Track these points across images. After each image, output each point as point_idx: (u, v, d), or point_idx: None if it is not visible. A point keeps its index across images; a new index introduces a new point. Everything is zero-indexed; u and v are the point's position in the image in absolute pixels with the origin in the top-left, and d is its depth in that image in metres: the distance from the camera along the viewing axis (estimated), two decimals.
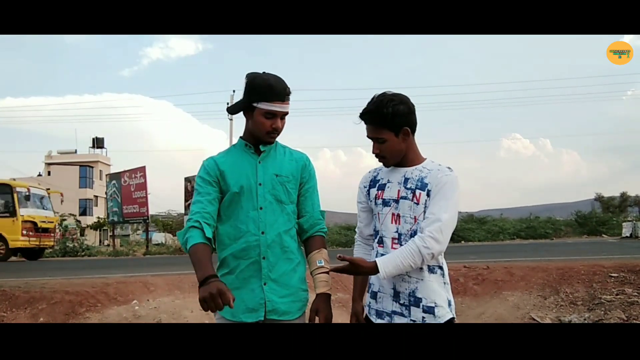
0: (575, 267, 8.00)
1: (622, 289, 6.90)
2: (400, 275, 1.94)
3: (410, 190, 1.98)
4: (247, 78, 2.06)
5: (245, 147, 2.14)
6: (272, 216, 2.07)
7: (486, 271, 8.32)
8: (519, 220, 28.05)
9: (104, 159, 48.80)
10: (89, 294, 7.56)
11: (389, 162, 2.05)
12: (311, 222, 2.17)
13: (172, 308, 7.22)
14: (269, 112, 2.02)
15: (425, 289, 1.94)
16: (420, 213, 1.95)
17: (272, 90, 2.01)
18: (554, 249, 14.59)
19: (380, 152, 2.01)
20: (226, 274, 2.08)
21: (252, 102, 2.04)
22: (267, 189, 2.08)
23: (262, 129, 2.05)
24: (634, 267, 7.67)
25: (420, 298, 1.93)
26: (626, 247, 14.73)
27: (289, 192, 2.13)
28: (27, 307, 7.31)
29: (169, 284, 8.17)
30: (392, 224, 2.00)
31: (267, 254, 2.05)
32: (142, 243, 27.17)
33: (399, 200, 2.00)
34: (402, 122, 1.97)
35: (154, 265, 12.95)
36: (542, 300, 7.05)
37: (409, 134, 2.00)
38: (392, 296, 1.99)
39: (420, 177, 1.99)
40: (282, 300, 2.06)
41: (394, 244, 1.98)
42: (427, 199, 1.94)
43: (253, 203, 2.06)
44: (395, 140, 1.98)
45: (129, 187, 23.56)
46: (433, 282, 1.95)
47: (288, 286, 2.09)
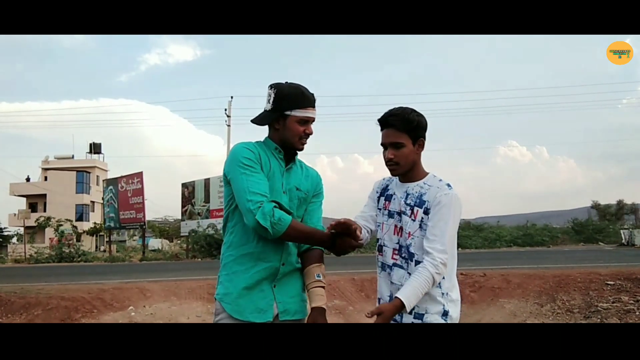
0: (571, 274, 8.02)
1: (618, 297, 6.91)
2: (396, 285, 2.02)
3: (409, 207, 2.04)
4: (274, 88, 2.07)
5: (275, 150, 2.12)
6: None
7: (483, 278, 8.33)
8: (516, 228, 28.15)
9: (101, 164, 48.65)
10: (85, 299, 7.53)
11: (399, 170, 2.06)
12: None
13: (169, 314, 7.20)
14: (303, 119, 2.05)
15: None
16: (416, 229, 2.00)
17: (304, 97, 2.05)
18: (550, 257, 14.61)
19: (395, 157, 2.03)
20: (240, 271, 2.04)
21: (284, 110, 2.04)
22: (288, 198, 2.10)
23: (296, 135, 2.06)
24: (630, 275, 7.70)
25: (413, 306, 1.94)
26: (623, 254, 14.76)
27: (300, 206, 2.15)
28: (22, 312, 7.28)
29: (165, 290, 8.15)
30: (395, 235, 2.07)
31: (286, 260, 2.08)
32: (138, 249, 27.11)
33: (401, 214, 2.06)
34: (420, 133, 2.04)
35: (150, 271, 12.92)
36: (539, 307, 7.06)
37: (423, 147, 2.07)
38: (388, 303, 2.00)
39: (419, 193, 2.04)
40: (293, 300, 2.09)
41: (394, 254, 2.05)
42: (423, 216, 2.00)
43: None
44: (411, 148, 2.03)
45: (125, 192, 23.53)
46: (428, 291, 1.95)
47: (295, 287, 2.12)
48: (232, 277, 2.06)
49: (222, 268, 2.12)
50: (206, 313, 7.26)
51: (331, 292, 7.66)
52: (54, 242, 22.83)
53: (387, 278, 2.08)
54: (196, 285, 8.40)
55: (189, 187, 22.78)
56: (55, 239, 22.77)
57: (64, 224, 27.10)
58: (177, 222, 26.87)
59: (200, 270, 12.48)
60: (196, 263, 17.87)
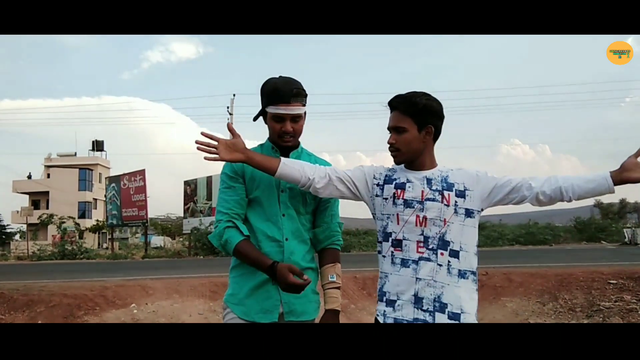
0: (574, 273, 8.00)
1: (620, 296, 6.90)
2: (425, 280, 1.81)
3: (437, 192, 1.86)
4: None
5: (272, 149, 2.11)
6: (294, 224, 2.06)
7: (485, 277, 8.32)
8: (518, 226, 28.12)
9: (103, 161, 48.74)
10: (88, 297, 7.55)
11: (400, 157, 1.91)
12: (327, 233, 2.14)
13: (171, 312, 7.21)
14: (276, 116, 2.01)
15: (452, 295, 1.81)
16: (451, 215, 1.84)
17: (277, 93, 1.98)
18: (552, 255, 14.58)
19: (396, 142, 1.87)
20: (246, 273, 2.05)
21: (264, 106, 2.04)
22: (288, 196, 2.07)
23: (274, 132, 2.05)
24: (633, 274, 7.68)
25: (446, 304, 1.80)
26: (625, 253, 14.73)
27: (307, 202, 2.11)
28: (25, 309, 7.30)
29: (168, 287, 8.16)
30: (417, 226, 1.85)
31: (289, 260, 2.02)
32: (140, 246, 27.16)
33: (424, 201, 1.85)
34: (429, 119, 1.86)
35: (153, 269, 12.95)
36: (541, 306, 7.05)
37: (431, 135, 1.89)
38: (413, 303, 1.83)
39: (442, 177, 1.89)
40: (299, 300, 2.03)
41: (420, 247, 1.84)
42: (457, 200, 1.85)
43: (276, 209, 2.05)
44: (416, 135, 1.86)
45: (128, 190, 23.58)
46: (461, 287, 1.83)
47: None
48: (239, 280, 2.07)
49: (231, 270, 2.13)
50: (208, 311, 7.27)
51: None
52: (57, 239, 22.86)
53: (412, 274, 1.83)
54: (198, 282, 8.40)
55: (191, 185, 22.79)
56: (58, 236, 22.81)
57: (67, 222, 27.14)
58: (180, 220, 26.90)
59: (203, 267, 12.50)
60: (198, 260, 17.90)
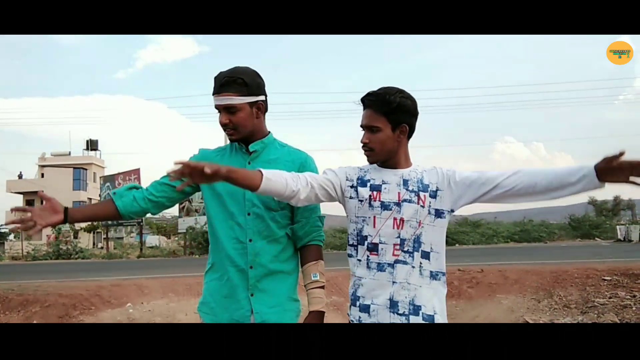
0: (568, 270, 8.06)
1: (615, 292, 6.95)
2: (400, 283, 1.80)
3: (413, 193, 1.82)
4: None
5: (237, 145, 2.00)
6: (261, 223, 1.91)
7: (480, 274, 8.36)
8: (513, 224, 28.18)
9: (97, 161, 48.47)
10: (83, 296, 7.53)
11: (374, 157, 1.85)
12: (307, 228, 1.98)
13: (167, 311, 7.21)
14: (215, 107, 1.91)
15: (425, 296, 1.81)
16: (426, 215, 1.81)
17: (214, 84, 1.89)
18: (547, 253, 14.67)
19: (370, 142, 1.82)
20: (216, 279, 1.96)
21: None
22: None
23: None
24: (627, 270, 7.74)
25: (420, 306, 1.80)
26: (619, 250, 14.83)
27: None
28: (20, 309, 7.27)
29: (163, 286, 8.16)
30: (394, 228, 1.80)
31: (254, 263, 1.89)
32: (136, 246, 27.03)
33: (401, 203, 1.81)
34: (403, 118, 1.81)
35: (148, 268, 12.93)
36: (536, 303, 7.09)
37: (406, 133, 1.84)
38: (388, 307, 1.81)
39: (418, 178, 1.85)
40: (272, 310, 1.90)
41: (396, 250, 1.80)
42: (431, 201, 1.82)
43: (240, 208, 1.91)
44: (390, 134, 1.81)
45: None
46: (433, 289, 1.83)
47: (277, 295, 1.93)
48: (210, 286, 1.98)
49: (204, 275, 2.04)
50: None
51: (329, 289, 7.66)
52: (51, 239, 22.74)
53: (388, 278, 1.81)
54: (194, 281, 8.40)
55: None
56: (53, 235, 22.68)
57: None
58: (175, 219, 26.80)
59: (198, 267, 12.45)
60: (194, 260, 17.87)
